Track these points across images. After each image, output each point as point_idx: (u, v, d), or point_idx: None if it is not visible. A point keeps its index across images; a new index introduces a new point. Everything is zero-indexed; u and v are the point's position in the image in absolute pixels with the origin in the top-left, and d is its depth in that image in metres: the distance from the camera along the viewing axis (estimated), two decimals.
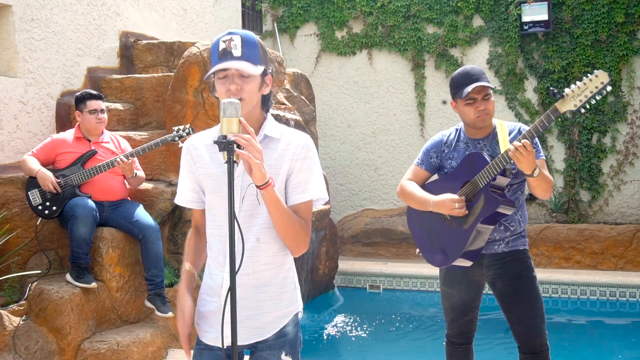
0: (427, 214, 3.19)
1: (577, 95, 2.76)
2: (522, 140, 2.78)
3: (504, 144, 2.99)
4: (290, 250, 2.07)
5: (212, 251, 2.11)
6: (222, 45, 1.96)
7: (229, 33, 1.98)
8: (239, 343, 1.93)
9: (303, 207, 2.03)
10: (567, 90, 2.79)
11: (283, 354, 2.08)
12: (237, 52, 1.95)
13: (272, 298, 2.06)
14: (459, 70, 3.12)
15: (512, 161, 2.86)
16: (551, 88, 2.88)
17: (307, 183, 2.03)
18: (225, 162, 1.80)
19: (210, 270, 2.11)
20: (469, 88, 2.98)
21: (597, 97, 2.76)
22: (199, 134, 2.19)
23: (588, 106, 2.77)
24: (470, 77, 3.01)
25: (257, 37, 2.04)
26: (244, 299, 1.97)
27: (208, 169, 2.07)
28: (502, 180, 3.01)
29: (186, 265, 2.18)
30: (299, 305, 2.16)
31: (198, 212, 2.21)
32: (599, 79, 2.74)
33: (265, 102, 2.07)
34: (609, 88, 2.76)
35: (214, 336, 2.06)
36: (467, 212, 2.98)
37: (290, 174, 2.02)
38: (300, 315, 2.18)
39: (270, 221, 1.99)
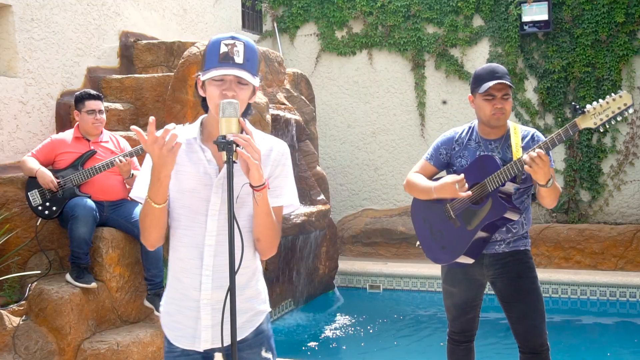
0: (432, 209, 3.19)
1: (598, 114, 2.72)
2: (537, 151, 2.75)
3: (517, 149, 2.98)
4: (262, 253, 2.08)
5: (179, 252, 2.05)
6: (223, 48, 1.94)
7: (232, 37, 1.96)
8: (218, 345, 1.96)
9: (276, 211, 2.04)
10: (588, 106, 2.75)
11: (263, 350, 2.10)
12: (239, 59, 1.94)
13: (248, 299, 2.07)
14: (485, 65, 3.11)
15: (523, 170, 2.83)
16: (572, 103, 2.84)
17: (282, 188, 2.06)
18: (225, 162, 1.80)
19: (183, 275, 2.04)
20: (490, 83, 2.97)
21: (618, 118, 2.72)
22: (180, 128, 2.12)
23: (608, 126, 2.73)
24: (494, 74, 3.01)
25: (256, 46, 2.04)
26: (222, 301, 1.90)
27: (185, 166, 2.02)
28: (511, 187, 3.01)
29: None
30: (268, 304, 2.19)
31: None
32: (623, 100, 2.70)
33: (247, 109, 2.07)
34: (630, 110, 2.72)
35: (189, 341, 2.04)
36: (470, 194, 2.96)
37: (268, 178, 2.03)
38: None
39: (250, 224, 2.01)
